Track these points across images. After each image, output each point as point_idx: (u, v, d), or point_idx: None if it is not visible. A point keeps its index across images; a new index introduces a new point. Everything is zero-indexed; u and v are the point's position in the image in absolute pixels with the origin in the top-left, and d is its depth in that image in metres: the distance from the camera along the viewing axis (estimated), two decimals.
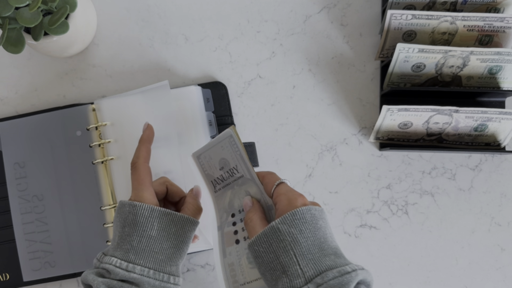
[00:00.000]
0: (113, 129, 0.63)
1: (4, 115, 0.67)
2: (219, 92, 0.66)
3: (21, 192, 0.64)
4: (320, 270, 0.40)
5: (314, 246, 0.42)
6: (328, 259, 0.41)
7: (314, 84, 0.68)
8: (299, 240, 0.42)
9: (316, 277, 0.40)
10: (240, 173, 0.53)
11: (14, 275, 0.64)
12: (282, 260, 0.42)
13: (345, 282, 0.39)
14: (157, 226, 0.49)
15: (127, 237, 0.48)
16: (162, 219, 0.49)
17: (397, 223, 0.67)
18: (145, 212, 0.49)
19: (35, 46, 0.60)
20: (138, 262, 0.47)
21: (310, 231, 0.42)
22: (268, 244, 0.43)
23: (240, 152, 0.52)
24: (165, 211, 0.50)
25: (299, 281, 0.40)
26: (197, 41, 0.68)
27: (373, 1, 0.68)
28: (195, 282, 0.66)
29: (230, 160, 0.53)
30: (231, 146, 0.53)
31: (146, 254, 0.48)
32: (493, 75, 0.62)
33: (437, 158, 0.67)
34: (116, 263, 0.47)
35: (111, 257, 0.47)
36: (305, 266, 0.41)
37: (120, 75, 0.67)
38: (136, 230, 0.48)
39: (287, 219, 0.43)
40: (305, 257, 0.41)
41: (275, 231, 0.43)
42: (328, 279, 0.39)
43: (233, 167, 0.53)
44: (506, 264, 0.67)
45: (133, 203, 0.49)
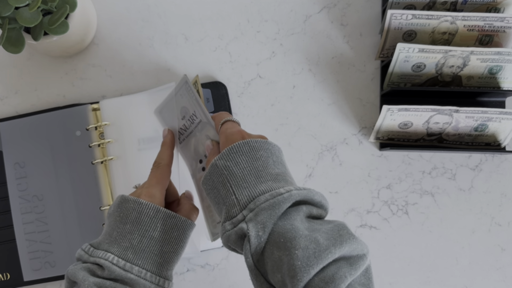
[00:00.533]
0: (114, 129, 0.63)
1: (4, 115, 0.67)
2: (219, 92, 0.66)
3: (21, 192, 0.64)
4: (253, 196, 0.41)
5: (250, 175, 0.43)
6: (263, 185, 0.42)
7: (314, 84, 0.68)
8: (234, 171, 0.43)
9: (249, 203, 0.41)
10: (199, 118, 0.53)
11: (15, 274, 0.64)
12: (221, 193, 0.43)
13: (276, 203, 0.39)
14: (160, 228, 0.47)
15: (128, 234, 0.46)
16: (166, 221, 0.48)
17: (397, 223, 0.67)
18: (151, 212, 0.47)
19: (35, 46, 0.60)
20: (136, 262, 0.45)
21: (246, 161, 0.43)
22: (211, 181, 0.45)
23: (195, 97, 0.52)
24: (170, 213, 0.48)
25: (235, 210, 0.41)
26: (197, 41, 0.68)
27: (373, 1, 0.68)
28: (195, 282, 0.66)
29: (189, 107, 0.53)
30: (188, 93, 0.53)
31: (145, 255, 0.46)
32: (493, 75, 0.62)
33: (437, 158, 0.67)
34: (113, 260, 0.44)
35: (106, 252, 0.45)
36: (240, 195, 0.42)
37: (120, 75, 0.67)
38: (139, 228, 0.46)
39: (224, 154, 0.44)
40: (240, 186, 0.42)
41: (214, 167, 0.44)
42: (260, 202, 0.40)
43: (192, 113, 0.53)
44: (506, 264, 0.66)
45: (138, 200, 0.47)
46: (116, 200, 0.49)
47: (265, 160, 0.44)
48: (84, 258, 0.45)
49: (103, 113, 0.63)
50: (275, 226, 0.40)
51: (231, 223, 0.42)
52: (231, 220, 0.42)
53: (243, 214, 0.41)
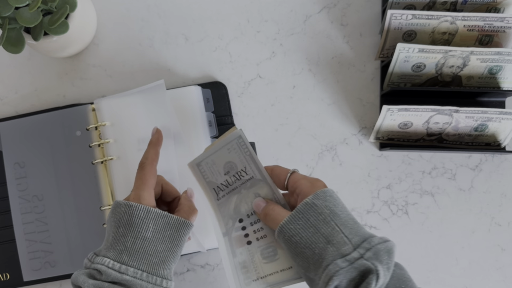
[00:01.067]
0: (112, 129, 0.63)
1: (4, 115, 0.67)
2: (219, 92, 0.66)
3: (21, 192, 0.64)
4: (364, 237, 0.42)
5: (349, 218, 0.44)
6: (365, 230, 0.43)
7: (314, 84, 0.68)
8: (337, 212, 0.43)
9: (363, 242, 0.41)
10: (250, 175, 0.51)
11: (15, 274, 0.64)
12: (324, 232, 0.42)
13: (390, 248, 0.41)
14: (152, 228, 0.48)
15: (121, 237, 0.48)
16: (158, 221, 0.49)
17: (397, 223, 0.67)
18: (141, 213, 0.48)
19: (35, 46, 0.60)
20: (131, 263, 0.47)
21: (341, 206, 0.45)
22: (305, 219, 0.44)
23: (250, 153, 0.51)
24: (161, 213, 0.49)
25: (347, 248, 0.41)
26: (197, 41, 0.68)
27: (373, 1, 0.68)
28: (195, 282, 0.66)
29: (238, 163, 0.51)
30: (239, 148, 0.51)
31: (140, 256, 0.47)
32: (493, 75, 0.62)
33: (437, 158, 0.67)
34: (108, 264, 0.46)
35: (103, 257, 0.47)
36: (349, 234, 0.42)
37: (120, 75, 0.67)
38: (131, 231, 0.48)
39: (320, 196, 0.44)
40: (346, 226, 0.42)
41: (311, 206, 0.44)
42: (375, 243, 0.41)
43: (241, 169, 0.52)
44: (506, 264, 0.66)
45: (128, 203, 0.48)
46: (111, 206, 0.51)
47: (348, 210, 0.46)
48: (87, 265, 0.48)
49: (100, 113, 0.63)
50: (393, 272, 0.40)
51: (345, 260, 0.40)
52: (344, 257, 0.40)
53: (360, 253, 0.40)
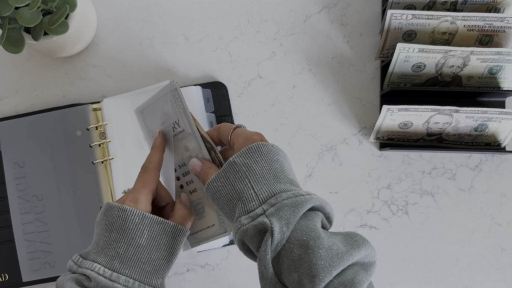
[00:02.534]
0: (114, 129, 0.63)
1: (4, 115, 0.67)
2: (219, 92, 0.66)
3: (20, 192, 0.64)
4: (274, 192, 0.41)
5: (269, 174, 0.43)
6: (282, 185, 0.42)
7: (314, 84, 0.68)
8: (254, 168, 0.43)
9: (270, 198, 0.41)
10: (181, 128, 0.52)
11: (13, 275, 0.64)
12: (237, 188, 0.43)
13: (298, 202, 0.39)
14: (147, 235, 0.46)
15: (114, 243, 0.45)
16: (153, 227, 0.46)
17: (397, 223, 0.67)
18: (136, 219, 0.45)
19: (35, 46, 0.60)
20: (123, 271, 0.44)
21: (265, 161, 0.43)
22: (226, 178, 0.44)
23: (183, 106, 0.51)
24: (157, 219, 0.47)
25: (253, 204, 0.41)
26: (197, 41, 0.68)
27: (373, 1, 0.68)
28: (195, 282, 0.66)
29: (172, 115, 0.52)
30: (174, 100, 0.52)
31: (132, 264, 0.45)
32: (493, 75, 0.62)
33: (437, 158, 0.67)
34: (99, 270, 0.43)
35: (93, 262, 0.44)
36: (259, 190, 0.41)
37: (120, 75, 0.67)
38: (124, 236, 0.45)
39: (243, 153, 0.44)
40: (259, 182, 0.42)
41: (232, 164, 0.44)
42: (282, 199, 0.40)
43: (174, 121, 0.52)
44: (506, 264, 0.67)
45: (122, 206, 0.46)
46: (102, 208, 0.48)
47: (281, 164, 0.44)
48: (74, 269, 0.45)
49: (105, 112, 0.63)
50: (297, 224, 0.39)
51: (248, 217, 0.41)
52: (249, 214, 0.41)
53: (263, 208, 0.40)
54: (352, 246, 0.39)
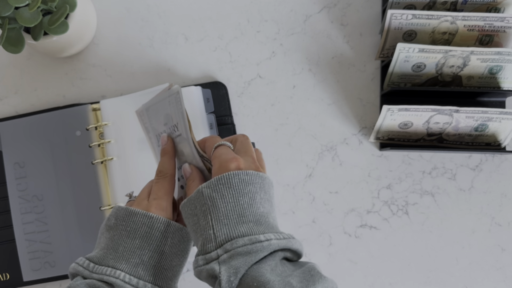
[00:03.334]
0: (113, 129, 0.63)
1: (4, 115, 0.67)
2: (219, 92, 0.66)
3: (21, 192, 0.64)
4: (232, 236, 0.39)
5: (233, 212, 0.41)
6: (244, 226, 0.40)
7: (314, 84, 0.68)
8: (218, 205, 0.41)
9: (226, 243, 0.39)
10: (179, 132, 0.52)
11: (14, 275, 0.64)
12: (201, 224, 0.42)
13: (253, 251, 0.38)
14: (170, 242, 0.46)
15: (138, 250, 0.44)
16: (175, 234, 0.46)
17: (397, 223, 0.67)
18: (161, 226, 0.45)
19: (34, 46, 0.60)
20: (148, 279, 0.44)
21: (233, 196, 0.41)
22: (193, 206, 0.43)
23: (182, 111, 0.52)
24: (179, 226, 0.47)
25: (211, 245, 0.40)
26: (197, 41, 0.68)
27: (373, 1, 0.68)
28: (195, 282, 0.66)
29: (174, 117, 0.53)
30: (176, 103, 0.52)
31: (156, 271, 0.45)
32: (494, 75, 0.62)
33: (437, 158, 0.67)
34: (124, 278, 0.42)
35: (114, 269, 0.43)
36: (218, 231, 0.40)
37: (119, 75, 0.67)
38: (150, 244, 0.45)
39: (212, 183, 0.42)
40: (220, 222, 0.40)
41: (199, 194, 0.43)
42: (237, 246, 0.39)
43: (175, 124, 0.53)
44: (507, 264, 0.66)
45: (148, 214, 0.45)
46: (118, 213, 0.46)
47: (252, 197, 0.42)
48: (85, 274, 0.43)
49: (103, 113, 0.63)
50: (248, 270, 0.39)
51: (204, 258, 0.40)
52: (205, 255, 0.40)
53: (217, 253, 0.39)
54: (307, 283, 0.37)
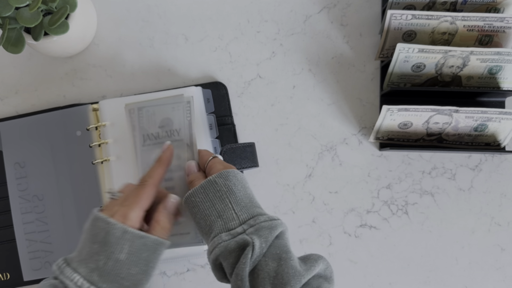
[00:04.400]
0: (113, 129, 0.63)
1: (4, 115, 0.67)
2: (219, 92, 0.66)
3: (21, 192, 0.64)
4: (252, 214, 0.46)
5: (245, 197, 0.48)
6: (258, 209, 0.48)
7: (314, 84, 0.68)
8: (233, 191, 0.48)
9: (249, 219, 0.46)
10: (180, 137, 0.56)
11: (15, 274, 0.64)
12: (217, 207, 0.47)
13: (273, 225, 0.45)
14: (127, 250, 0.46)
15: (95, 255, 0.45)
16: (134, 242, 0.46)
17: (397, 223, 0.67)
18: (117, 233, 0.45)
19: (35, 46, 0.60)
20: (101, 285, 0.44)
21: (242, 186, 0.49)
22: (205, 194, 0.48)
23: (191, 119, 0.55)
24: (139, 233, 0.46)
25: (234, 223, 0.46)
26: (197, 41, 0.68)
27: (373, 1, 0.68)
28: (195, 282, 0.66)
29: (175, 122, 0.56)
30: (183, 111, 0.55)
31: (110, 278, 0.45)
32: (493, 75, 0.62)
33: (437, 158, 0.67)
34: (77, 282, 0.44)
35: (73, 272, 0.44)
36: (239, 211, 0.47)
37: (120, 75, 0.67)
38: (105, 250, 0.45)
39: (223, 175, 0.49)
40: (239, 204, 0.47)
41: (212, 183, 0.48)
42: (260, 221, 0.45)
43: (175, 129, 0.56)
44: (506, 264, 0.67)
45: (107, 219, 0.46)
46: (91, 216, 0.48)
47: (251, 191, 0.51)
48: (56, 274, 0.45)
49: (102, 113, 0.63)
50: (272, 242, 0.45)
51: (229, 234, 0.45)
52: (229, 231, 0.45)
53: (243, 228, 0.45)
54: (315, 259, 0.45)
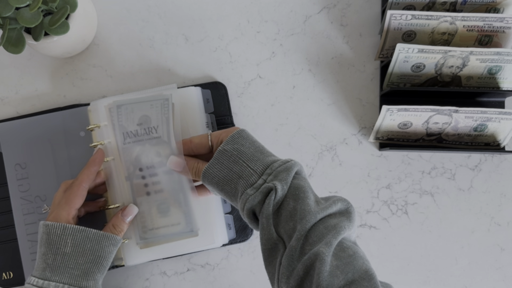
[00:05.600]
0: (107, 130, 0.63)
1: (4, 115, 0.67)
2: (219, 92, 0.66)
3: (23, 193, 0.64)
4: (267, 164, 0.50)
5: (256, 152, 0.52)
6: (270, 158, 0.51)
7: (314, 84, 0.68)
8: (243, 151, 0.51)
9: (266, 169, 0.50)
10: (158, 134, 0.57)
11: (18, 273, 0.64)
12: (235, 170, 0.51)
13: (288, 167, 0.49)
14: (71, 243, 0.52)
15: (43, 256, 0.52)
16: (76, 235, 0.52)
17: (397, 223, 0.67)
18: (58, 231, 0.52)
19: (35, 46, 0.60)
20: (54, 278, 0.51)
21: (249, 143, 0.52)
22: (220, 163, 0.52)
23: (168, 116, 0.57)
24: (78, 228, 0.52)
25: (254, 178, 0.50)
26: (197, 41, 0.68)
27: (373, 1, 0.68)
28: (195, 282, 0.66)
29: (153, 120, 0.57)
30: (162, 108, 0.57)
31: (61, 271, 0.51)
32: (493, 75, 0.63)
33: (437, 158, 0.67)
34: (33, 282, 0.51)
35: (31, 277, 0.51)
36: (254, 166, 0.50)
37: (120, 75, 0.67)
38: (51, 248, 0.51)
39: (229, 141, 0.52)
40: (252, 160, 0.51)
41: (222, 152, 0.52)
42: (275, 168, 0.49)
43: (153, 126, 0.57)
44: (506, 264, 0.67)
45: (45, 223, 0.52)
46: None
47: (259, 143, 0.54)
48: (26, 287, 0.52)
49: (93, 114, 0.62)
50: (291, 183, 0.48)
51: (253, 188, 0.49)
52: (252, 186, 0.49)
53: (263, 179, 0.49)
54: (330, 201, 0.48)
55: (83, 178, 0.56)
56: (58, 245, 0.52)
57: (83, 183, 0.56)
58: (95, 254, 0.53)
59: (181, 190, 0.59)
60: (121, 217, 0.58)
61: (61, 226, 0.52)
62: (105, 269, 0.54)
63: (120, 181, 0.60)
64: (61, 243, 0.52)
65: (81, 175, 0.57)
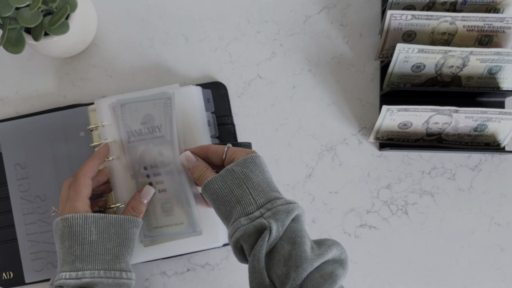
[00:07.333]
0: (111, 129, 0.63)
1: (4, 115, 0.67)
2: (219, 92, 0.66)
3: (23, 192, 0.64)
4: (269, 198, 0.49)
5: (263, 182, 0.50)
6: (275, 193, 0.50)
7: (314, 84, 0.68)
8: (251, 177, 0.50)
9: (266, 203, 0.48)
10: (161, 134, 0.57)
11: (18, 273, 0.64)
12: (236, 193, 0.50)
13: (290, 209, 0.47)
14: (95, 231, 0.51)
15: (69, 249, 0.51)
16: (98, 223, 0.52)
17: (397, 223, 0.67)
18: (79, 221, 0.51)
19: (35, 46, 0.60)
20: (86, 267, 0.50)
21: (260, 171, 0.51)
22: (223, 181, 0.51)
23: (171, 116, 0.57)
24: (99, 215, 0.52)
25: (252, 207, 0.48)
26: (197, 41, 0.68)
27: (373, 1, 0.68)
28: (195, 282, 0.66)
29: (156, 119, 0.57)
30: (164, 107, 0.57)
31: (92, 259, 0.51)
32: (493, 75, 0.63)
33: (437, 158, 0.67)
34: (65, 276, 0.49)
35: (60, 273, 0.50)
36: (256, 196, 0.49)
37: (120, 75, 0.67)
38: (76, 240, 0.51)
39: (240, 163, 0.51)
40: (256, 189, 0.50)
41: (230, 171, 0.51)
42: (277, 205, 0.48)
43: (156, 125, 0.57)
44: (506, 264, 0.67)
45: (64, 216, 0.51)
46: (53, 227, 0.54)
47: (270, 175, 0.52)
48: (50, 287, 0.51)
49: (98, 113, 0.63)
50: (288, 226, 0.47)
51: (247, 218, 0.48)
52: (247, 216, 0.48)
53: (261, 212, 0.47)
54: (325, 246, 0.47)
55: (87, 169, 0.56)
56: (83, 235, 0.51)
57: (87, 173, 0.56)
58: (121, 237, 0.53)
59: (183, 191, 0.59)
60: (139, 199, 0.57)
61: (82, 216, 0.51)
62: (132, 250, 0.54)
63: (126, 180, 0.60)
64: (86, 233, 0.51)
65: (85, 166, 0.56)
